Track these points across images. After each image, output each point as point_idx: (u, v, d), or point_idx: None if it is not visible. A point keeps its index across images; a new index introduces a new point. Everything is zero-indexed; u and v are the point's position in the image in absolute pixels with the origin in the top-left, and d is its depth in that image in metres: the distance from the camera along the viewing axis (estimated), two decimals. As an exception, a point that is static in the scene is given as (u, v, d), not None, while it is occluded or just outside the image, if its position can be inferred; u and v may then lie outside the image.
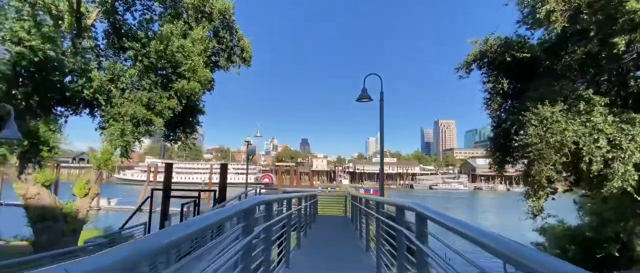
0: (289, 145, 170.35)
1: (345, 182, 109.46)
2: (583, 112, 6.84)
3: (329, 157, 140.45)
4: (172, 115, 13.27)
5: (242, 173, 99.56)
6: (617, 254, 12.06)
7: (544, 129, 6.88)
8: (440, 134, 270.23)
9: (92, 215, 15.58)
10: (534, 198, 7.81)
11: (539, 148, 6.87)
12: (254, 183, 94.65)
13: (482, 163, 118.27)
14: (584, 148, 6.51)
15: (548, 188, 7.61)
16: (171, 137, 15.89)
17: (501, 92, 9.51)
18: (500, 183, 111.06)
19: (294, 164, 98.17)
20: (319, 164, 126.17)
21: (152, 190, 10.83)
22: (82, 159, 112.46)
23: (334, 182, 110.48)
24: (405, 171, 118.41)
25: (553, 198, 8.23)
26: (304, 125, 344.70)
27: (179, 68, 12.69)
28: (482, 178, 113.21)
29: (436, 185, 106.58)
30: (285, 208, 4.83)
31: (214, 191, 10.26)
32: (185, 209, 9.23)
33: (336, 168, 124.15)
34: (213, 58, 16.20)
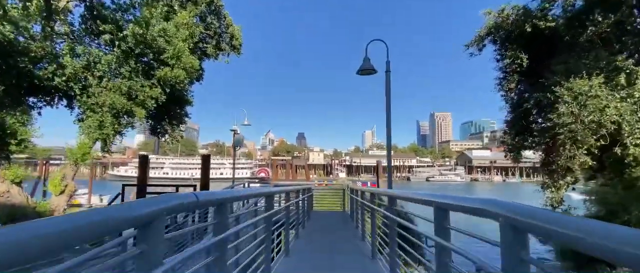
0: (285, 139, 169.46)
1: (342, 175, 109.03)
2: (623, 86, 6.00)
3: (326, 151, 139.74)
4: (155, 105, 12.36)
5: (239, 168, 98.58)
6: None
7: (579, 106, 5.96)
8: (436, 126, 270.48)
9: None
10: (553, 189, 7.06)
11: (573, 129, 6.00)
12: (250, 177, 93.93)
13: (478, 155, 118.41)
14: (626, 128, 5.67)
15: (568, 177, 6.83)
16: (158, 130, 14.97)
17: (518, 69, 8.60)
18: (496, 174, 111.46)
19: (289, 158, 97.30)
20: (316, 158, 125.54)
21: (124, 186, 9.92)
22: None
23: (331, 175, 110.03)
24: (402, 164, 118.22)
25: (573, 188, 7.50)
26: (300, 120, 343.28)
27: (161, 54, 11.73)
28: (479, 169, 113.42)
29: (433, 177, 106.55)
30: (264, 206, 3.95)
31: (194, 186, 9.30)
32: None
33: (333, 161, 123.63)
34: (200, 45, 15.22)
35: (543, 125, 6.93)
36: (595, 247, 0.72)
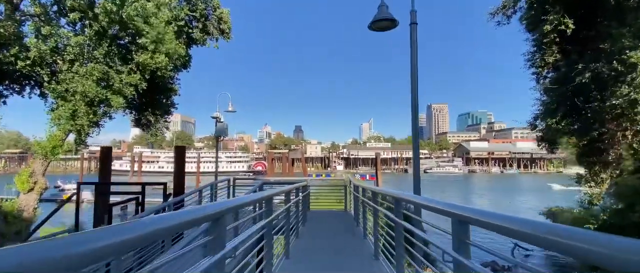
0: (282, 133, 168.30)
1: (340, 168, 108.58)
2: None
3: (323, 144, 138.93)
4: (135, 93, 11.30)
5: (236, 162, 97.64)
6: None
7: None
8: (433, 118, 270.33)
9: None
10: (593, 183, 6.08)
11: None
12: (247, 171, 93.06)
13: (476, 146, 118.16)
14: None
15: (612, 169, 5.85)
16: (142, 121, 13.92)
17: (557, 40, 7.35)
18: (494, 165, 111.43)
19: (286, 151, 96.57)
20: (313, 150, 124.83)
21: (79, 183, 8.90)
22: (68, 150, 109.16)
23: (329, 169, 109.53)
24: (399, 155, 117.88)
25: (616, 183, 6.54)
26: (297, 113, 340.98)
27: (140, 37, 10.62)
28: (476, 161, 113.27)
29: (431, 168, 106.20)
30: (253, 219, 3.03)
31: (165, 184, 8.25)
32: (116, 212, 6.68)
33: (330, 154, 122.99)
34: (185, 29, 14.07)
35: (597, 105, 5.77)
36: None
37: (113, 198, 7.37)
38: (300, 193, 5.93)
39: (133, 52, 10.89)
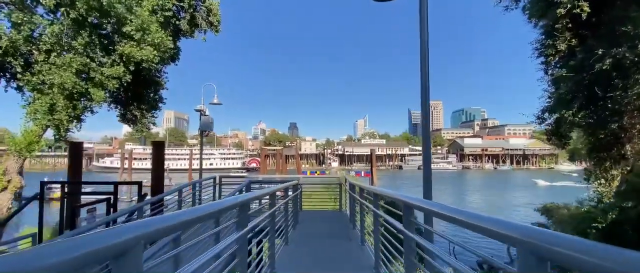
0: (276, 130, 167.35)
1: (335, 164, 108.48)
2: None
3: (318, 140, 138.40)
4: (118, 86, 10.67)
5: (229, 158, 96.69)
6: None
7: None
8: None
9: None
10: (603, 181, 5.70)
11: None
12: (240, 168, 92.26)
13: (470, 143, 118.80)
14: None
15: (624, 165, 5.47)
16: (127, 117, 13.28)
17: (569, 26, 6.94)
18: (488, 162, 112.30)
19: (280, 148, 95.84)
20: (308, 147, 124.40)
21: (42, 183, 8.29)
22: (59, 147, 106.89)
23: (323, 165, 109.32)
24: (394, 152, 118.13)
25: (627, 180, 6.17)
26: (292, 110, 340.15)
27: (123, 26, 9.98)
28: (470, 157, 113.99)
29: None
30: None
31: (139, 183, 7.64)
32: (83, 215, 5.86)
33: (325, 151, 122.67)
34: (173, 20, 13.41)
35: (618, 94, 5.32)
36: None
37: (85, 199, 6.78)
38: (291, 192, 5.43)
39: (116, 43, 10.25)
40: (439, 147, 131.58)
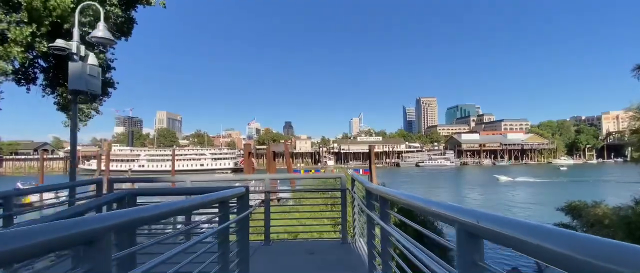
0: (271, 128, 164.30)
1: (330, 162, 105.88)
2: None
3: (313, 139, 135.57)
4: (31, 57, 7.81)
5: (221, 159, 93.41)
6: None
7: None
8: (422, 112, 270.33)
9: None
10: None
11: None
12: (232, 168, 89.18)
13: (467, 138, 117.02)
14: None
15: None
16: (61, 103, 10.39)
17: None
18: (486, 157, 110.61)
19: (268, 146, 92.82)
20: (303, 146, 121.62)
21: None
22: (45, 150, 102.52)
23: (319, 164, 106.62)
24: (391, 149, 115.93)
25: None
26: (287, 110, 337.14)
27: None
28: (468, 153, 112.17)
29: (423, 162, 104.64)
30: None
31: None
32: None
33: (320, 149, 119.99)
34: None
35: None
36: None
37: None
38: (221, 212, 2.17)
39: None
40: (435, 144, 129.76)
